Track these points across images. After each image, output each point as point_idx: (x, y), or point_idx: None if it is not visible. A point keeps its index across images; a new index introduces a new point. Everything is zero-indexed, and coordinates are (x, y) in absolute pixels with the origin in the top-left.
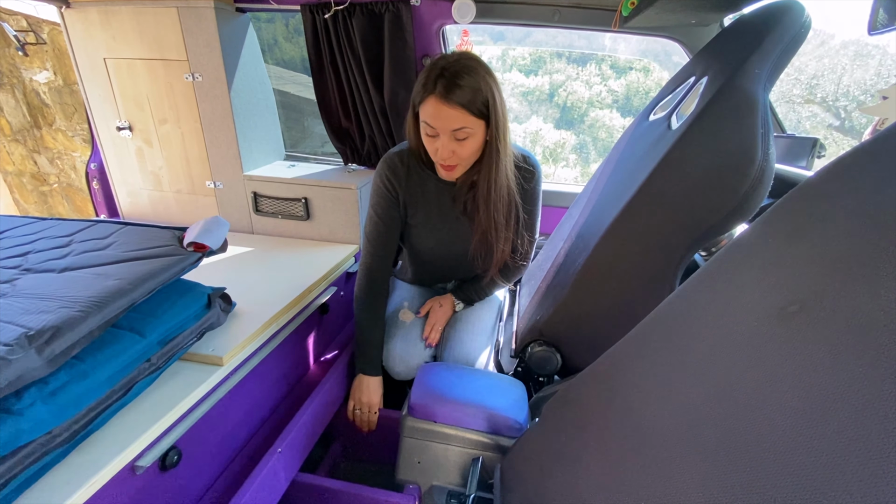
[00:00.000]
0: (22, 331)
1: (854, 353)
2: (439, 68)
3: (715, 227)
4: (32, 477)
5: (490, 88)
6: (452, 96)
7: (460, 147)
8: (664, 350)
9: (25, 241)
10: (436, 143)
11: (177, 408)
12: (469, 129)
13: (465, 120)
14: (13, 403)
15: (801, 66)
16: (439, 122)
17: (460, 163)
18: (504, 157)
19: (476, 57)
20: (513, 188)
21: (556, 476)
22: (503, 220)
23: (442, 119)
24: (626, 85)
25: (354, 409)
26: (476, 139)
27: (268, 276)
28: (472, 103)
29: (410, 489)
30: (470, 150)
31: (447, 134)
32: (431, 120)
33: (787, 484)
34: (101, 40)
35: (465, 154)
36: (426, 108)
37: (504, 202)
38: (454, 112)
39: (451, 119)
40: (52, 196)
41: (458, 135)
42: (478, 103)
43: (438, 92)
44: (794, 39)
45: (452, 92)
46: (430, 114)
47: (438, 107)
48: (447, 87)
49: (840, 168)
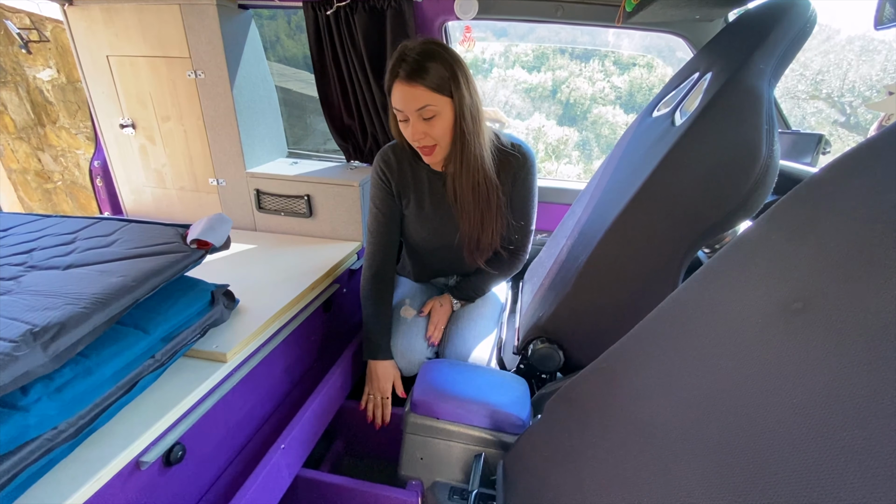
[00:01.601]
0: (27, 327)
1: (858, 351)
2: (402, 55)
3: (718, 224)
4: (39, 472)
5: (452, 69)
6: (415, 77)
7: (429, 127)
8: (667, 347)
9: (30, 239)
10: (408, 128)
11: (181, 404)
12: (433, 106)
13: (429, 98)
14: (19, 399)
15: (807, 61)
16: (405, 104)
17: (436, 143)
18: (473, 136)
19: (439, 42)
20: (489, 170)
21: (558, 472)
22: (481, 203)
23: (407, 100)
24: (630, 81)
25: (368, 396)
26: (444, 118)
27: (271, 273)
28: (434, 82)
29: (413, 485)
30: (440, 129)
31: (414, 115)
32: (398, 104)
33: (790, 481)
34: (104, 38)
35: (436, 133)
36: (394, 94)
37: (479, 186)
38: (416, 91)
39: (414, 99)
40: (57, 193)
41: (424, 113)
42: (440, 81)
43: (401, 76)
44: (800, 34)
45: (415, 73)
46: (398, 98)
47: (402, 89)
48: (409, 71)
49: (845, 164)
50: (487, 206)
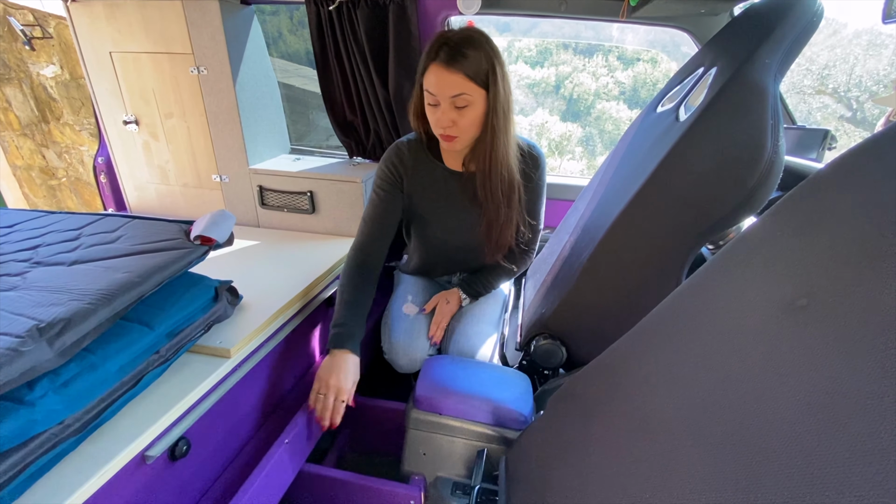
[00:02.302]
0: (33, 323)
1: (863, 348)
2: (444, 38)
3: (723, 221)
4: (45, 466)
5: (492, 61)
6: (454, 63)
7: (460, 116)
8: (670, 343)
9: (35, 235)
10: (437, 113)
11: (185, 399)
12: (468, 96)
13: (465, 86)
14: (26, 394)
15: (813, 55)
16: (440, 89)
17: (460, 134)
18: (503, 133)
19: (482, 32)
20: (513, 168)
21: (560, 468)
22: (504, 200)
23: (442, 85)
24: (634, 76)
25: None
26: (476, 109)
27: (274, 269)
28: (473, 71)
29: (416, 480)
30: (469, 119)
31: (447, 101)
32: (432, 87)
33: (793, 477)
34: (107, 34)
35: (464, 123)
36: (429, 77)
37: (505, 181)
38: (454, 77)
39: (450, 84)
40: (61, 190)
41: (458, 101)
42: (479, 72)
43: (440, 59)
44: (806, 29)
45: (454, 59)
46: (432, 81)
47: (440, 73)
48: (449, 54)
49: (851, 160)
50: (509, 204)
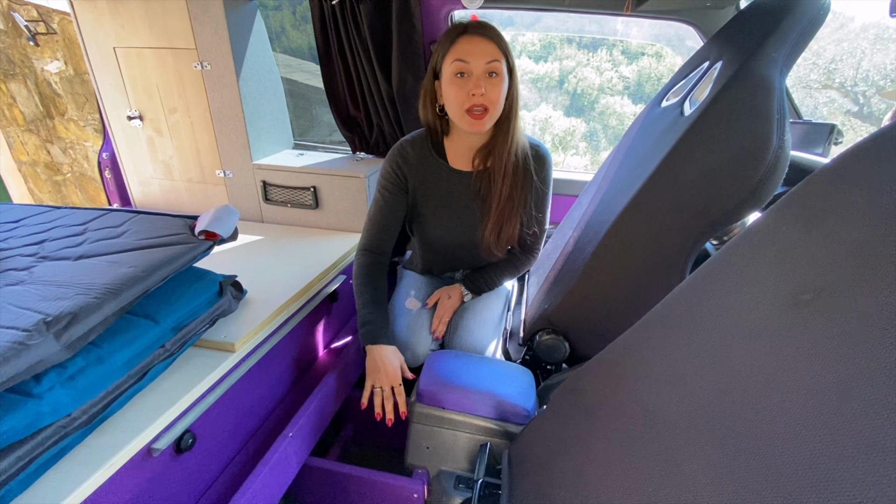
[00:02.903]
0: (40, 317)
1: (868, 343)
2: (462, 24)
3: (727, 215)
4: (53, 458)
5: (508, 45)
6: (486, 32)
7: (491, 87)
8: (674, 338)
9: (41, 230)
10: (468, 85)
11: (191, 393)
12: (500, 64)
13: (497, 54)
14: (33, 387)
15: (819, 49)
16: (474, 56)
17: (490, 106)
18: (516, 121)
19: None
20: (528, 155)
21: (563, 462)
22: (511, 197)
23: (476, 51)
24: (638, 71)
25: (374, 388)
26: (503, 83)
27: (278, 264)
28: (503, 44)
29: (419, 474)
30: (498, 91)
31: (480, 68)
32: (467, 54)
33: (797, 471)
34: (111, 29)
35: (494, 95)
36: (458, 47)
37: (519, 168)
38: (488, 45)
39: (486, 51)
40: (66, 185)
41: (491, 67)
42: (506, 48)
43: (471, 31)
44: (813, 22)
45: (486, 30)
46: (465, 49)
47: (472, 41)
48: (479, 27)
49: (858, 155)
50: (516, 202)
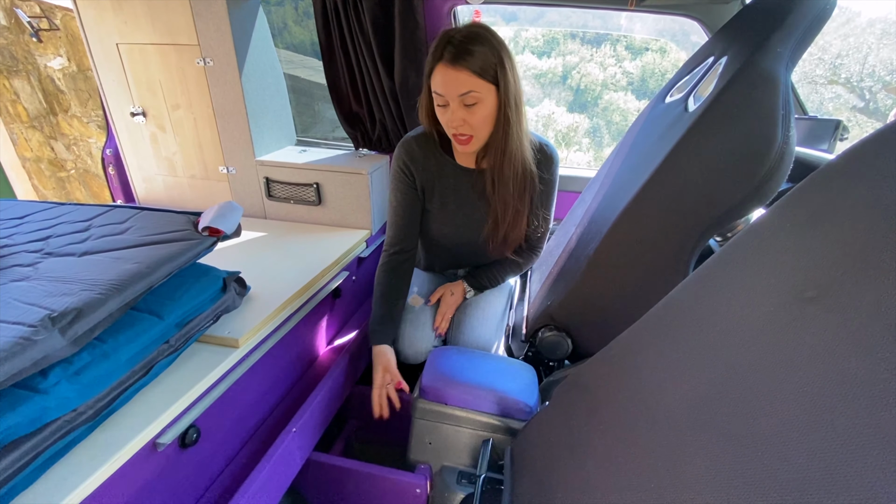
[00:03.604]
0: (46, 312)
1: (872, 340)
2: (448, 37)
3: (731, 212)
4: (58, 453)
5: (499, 54)
6: (460, 61)
7: (470, 115)
8: (677, 334)
9: (46, 226)
10: (447, 113)
11: (195, 388)
12: (477, 93)
13: (473, 83)
14: (39, 382)
15: (825, 45)
16: (447, 89)
17: (474, 133)
18: (516, 125)
19: (486, 26)
20: (529, 162)
21: (565, 458)
22: (516, 196)
23: (449, 84)
24: (642, 66)
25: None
26: (486, 106)
27: (281, 260)
28: (480, 67)
29: (422, 469)
30: (480, 116)
31: (455, 100)
32: (440, 87)
33: (800, 468)
34: (114, 25)
35: (475, 121)
36: (435, 78)
37: (518, 177)
38: (461, 75)
39: (457, 83)
40: (70, 182)
41: (467, 100)
42: (486, 67)
43: (446, 59)
44: (819, 17)
45: (460, 56)
46: (439, 82)
47: (446, 72)
48: (454, 54)
49: (863, 151)
50: (522, 199)
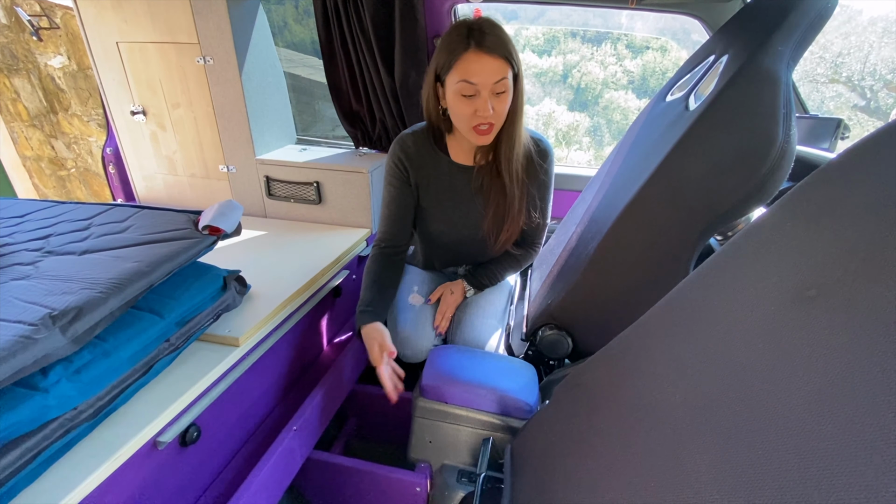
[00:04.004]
0: (46, 311)
1: (873, 339)
2: (466, 26)
3: (732, 211)
4: (59, 451)
5: (512, 42)
6: (494, 47)
7: (499, 103)
8: (677, 333)
9: (46, 225)
10: (475, 104)
11: (196, 386)
12: (507, 80)
13: (505, 70)
14: (40, 381)
15: (826, 43)
16: (483, 76)
17: (497, 122)
18: (522, 121)
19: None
20: (531, 153)
21: (566, 457)
22: (514, 192)
23: (485, 71)
24: (643, 65)
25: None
26: (510, 94)
27: (281, 259)
28: (510, 53)
29: (422, 468)
30: (506, 105)
31: (488, 88)
32: (474, 75)
33: (799, 468)
34: (114, 24)
35: (502, 110)
36: (463, 66)
37: (521, 168)
38: (496, 62)
39: (493, 69)
40: (70, 180)
41: (498, 87)
42: (512, 53)
43: (477, 45)
44: (820, 15)
45: (492, 42)
46: (473, 69)
47: (481, 59)
48: (486, 40)
49: (864, 150)
50: (518, 197)
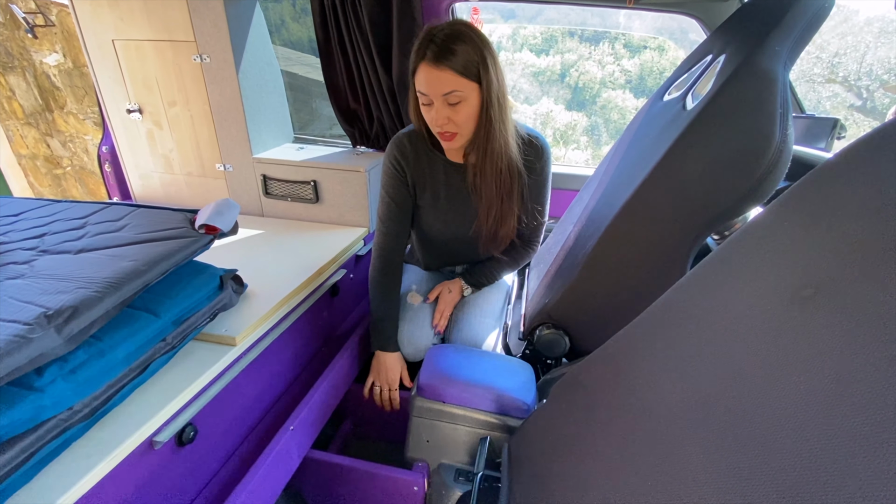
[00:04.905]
0: (41, 310)
1: (870, 338)
2: (431, 35)
3: (729, 211)
4: (55, 451)
5: (481, 52)
6: (442, 60)
7: (454, 113)
8: (674, 333)
9: (41, 224)
10: (431, 112)
11: (192, 386)
12: (460, 92)
13: (456, 83)
14: (35, 381)
15: (823, 43)
16: (430, 88)
17: (458, 130)
18: (499, 123)
19: (470, 24)
20: (513, 159)
21: (562, 456)
22: (502, 192)
23: (432, 84)
24: (640, 64)
25: (373, 387)
26: (470, 104)
27: (278, 258)
28: (463, 66)
29: (419, 467)
30: (464, 115)
31: (439, 99)
32: (423, 87)
33: (796, 466)
34: (109, 21)
35: (459, 119)
36: (419, 77)
37: (502, 175)
38: (443, 75)
39: (441, 82)
40: (66, 179)
41: (450, 99)
42: (469, 66)
43: (428, 58)
44: (817, 16)
45: (443, 56)
46: (422, 81)
47: (429, 72)
48: (437, 53)
49: (861, 150)
50: (509, 196)
